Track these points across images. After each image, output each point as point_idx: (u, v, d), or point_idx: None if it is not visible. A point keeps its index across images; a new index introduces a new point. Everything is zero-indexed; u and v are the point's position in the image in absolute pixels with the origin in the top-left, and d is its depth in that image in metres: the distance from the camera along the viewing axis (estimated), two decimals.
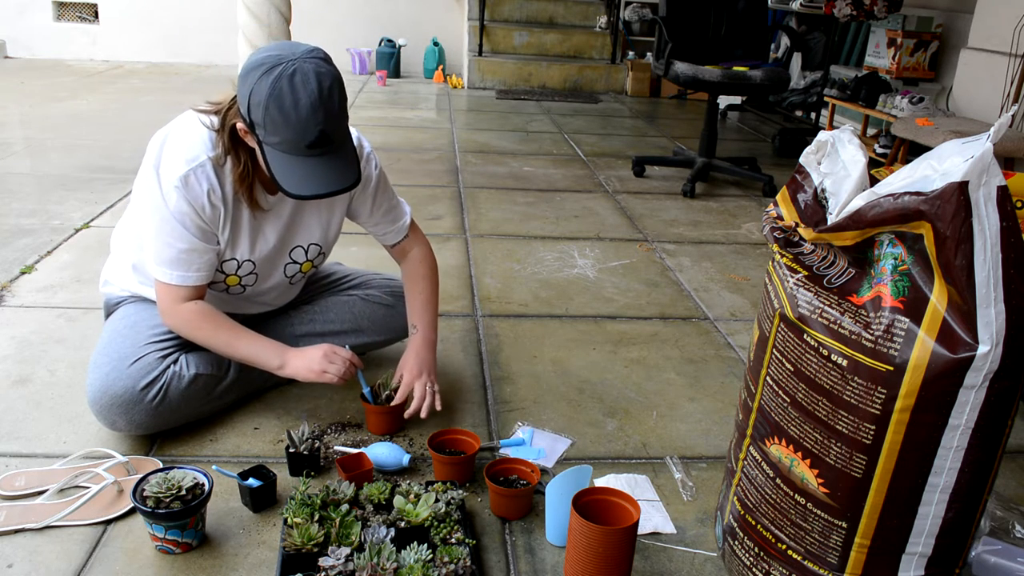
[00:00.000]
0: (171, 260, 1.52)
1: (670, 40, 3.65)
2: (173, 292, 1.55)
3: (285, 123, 1.34)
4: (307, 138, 1.36)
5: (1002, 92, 3.56)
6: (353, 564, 1.21)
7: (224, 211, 1.54)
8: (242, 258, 1.62)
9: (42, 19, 6.97)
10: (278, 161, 1.38)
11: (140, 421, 1.55)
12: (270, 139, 1.37)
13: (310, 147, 1.37)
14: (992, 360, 0.96)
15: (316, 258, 1.75)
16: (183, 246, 1.51)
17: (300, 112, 1.33)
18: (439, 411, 1.77)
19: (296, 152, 1.37)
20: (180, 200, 1.48)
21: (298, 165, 1.38)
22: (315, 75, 1.34)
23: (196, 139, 1.49)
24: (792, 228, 1.19)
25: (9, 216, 2.91)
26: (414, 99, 5.98)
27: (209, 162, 1.49)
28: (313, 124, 1.35)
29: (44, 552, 1.31)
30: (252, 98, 1.35)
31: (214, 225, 1.54)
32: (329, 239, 1.75)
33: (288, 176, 1.38)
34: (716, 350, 2.17)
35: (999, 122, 0.96)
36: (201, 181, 1.48)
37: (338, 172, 1.41)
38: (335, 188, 1.41)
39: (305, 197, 1.40)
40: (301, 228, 1.68)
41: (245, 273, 1.65)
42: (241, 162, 1.49)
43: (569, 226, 3.16)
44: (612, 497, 1.31)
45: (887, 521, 1.07)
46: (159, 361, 1.57)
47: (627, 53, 6.99)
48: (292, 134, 1.35)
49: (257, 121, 1.37)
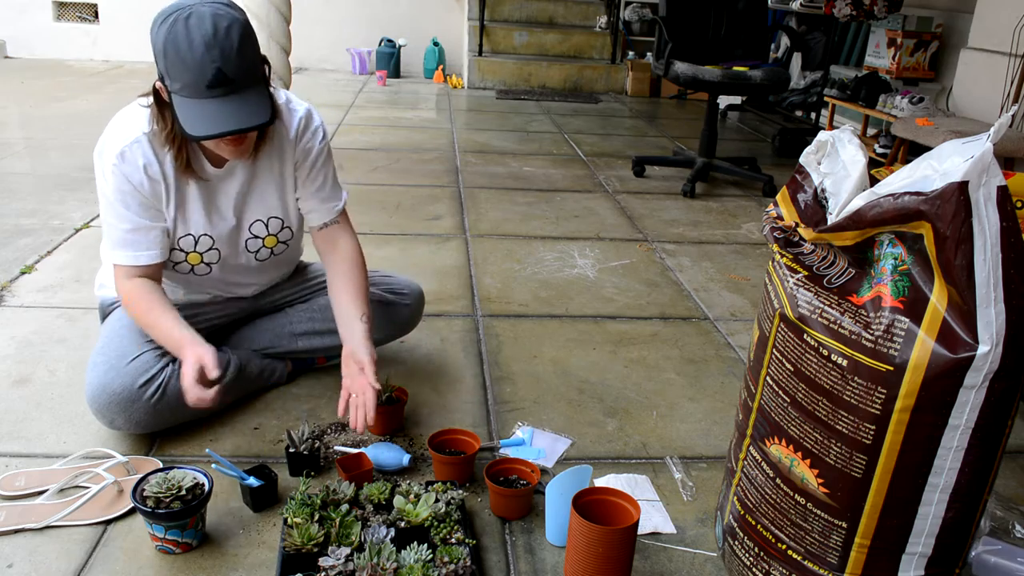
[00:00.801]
0: (118, 241, 1.54)
1: (670, 40, 3.65)
2: (121, 272, 1.57)
3: (182, 65, 1.34)
4: (204, 77, 1.35)
5: (1002, 92, 3.56)
6: (353, 564, 1.21)
7: (165, 186, 1.53)
8: (197, 233, 1.60)
9: (42, 19, 6.97)
10: (184, 107, 1.38)
11: (139, 419, 1.55)
12: (174, 86, 1.38)
13: (210, 87, 1.36)
14: (992, 360, 0.96)
15: (280, 232, 1.70)
16: (126, 226, 1.53)
17: (194, 52, 1.33)
18: (439, 411, 1.77)
19: (198, 95, 1.37)
20: (118, 178, 1.49)
21: (201, 107, 1.37)
22: (211, 16, 1.35)
23: (134, 118, 1.51)
24: (792, 228, 1.19)
25: (9, 216, 2.92)
26: (414, 99, 5.98)
27: (145, 137, 1.49)
28: (208, 62, 1.34)
29: (44, 552, 1.31)
30: (155, 48, 1.36)
31: (157, 201, 1.54)
32: (290, 213, 1.70)
33: (191, 119, 1.37)
34: (716, 350, 2.17)
35: (999, 122, 0.96)
36: (136, 156, 1.49)
37: (244, 112, 1.39)
38: (237, 127, 1.38)
39: (206, 137, 1.38)
40: (255, 201, 1.65)
41: (204, 249, 1.63)
42: (167, 123, 1.46)
43: (569, 226, 3.16)
44: (612, 497, 1.31)
45: (887, 521, 1.07)
46: (157, 359, 1.58)
47: (627, 53, 6.99)
48: (190, 75, 1.35)
49: (162, 70, 1.38)
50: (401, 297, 1.89)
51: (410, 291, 1.91)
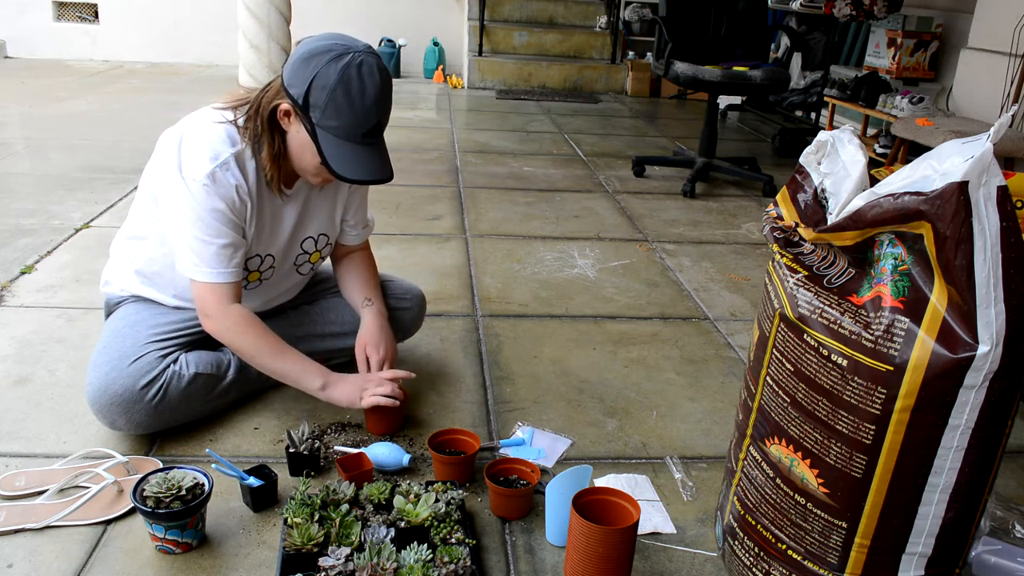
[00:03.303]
0: (211, 257, 1.51)
1: (670, 40, 3.65)
2: (218, 291, 1.53)
3: (350, 109, 1.40)
4: (366, 126, 1.43)
5: (1002, 92, 3.56)
6: (353, 564, 1.21)
7: (251, 205, 1.55)
8: (263, 253, 1.64)
9: (42, 19, 6.96)
10: (330, 145, 1.43)
11: (140, 420, 1.55)
12: (326, 123, 1.42)
13: (366, 135, 1.44)
14: (992, 360, 0.96)
15: (324, 248, 1.77)
16: (222, 241, 1.51)
17: (366, 101, 1.41)
18: (439, 411, 1.77)
19: (350, 139, 1.43)
20: (211, 197, 1.48)
21: (350, 151, 1.44)
22: (379, 69, 1.43)
23: (215, 136, 1.50)
24: (792, 228, 1.19)
25: (9, 216, 2.91)
26: (414, 99, 5.98)
27: (232, 158, 1.50)
28: (374, 114, 1.43)
29: (44, 552, 1.31)
30: (317, 80, 1.39)
31: (243, 220, 1.55)
32: (336, 228, 1.78)
33: (340, 160, 1.44)
34: (716, 350, 2.17)
35: (999, 122, 0.96)
36: (228, 177, 1.50)
37: (383, 162, 1.49)
38: (382, 176, 1.48)
39: (356, 181, 1.46)
40: (311, 218, 1.70)
41: (265, 268, 1.67)
42: (275, 147, 1.50)
43: (569, 226, 3.16)
44: (612, 497, 1.31)
45: (887, 521, 1.07)
46: (159, 360, 1.57)
47: (627, 53, 6.99)
48: (353, 120, 1.41)
49: (317, 103, 1.40)
50: (402, 301, 1.89)
51: (411, 295, 1.91)
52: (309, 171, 1.52)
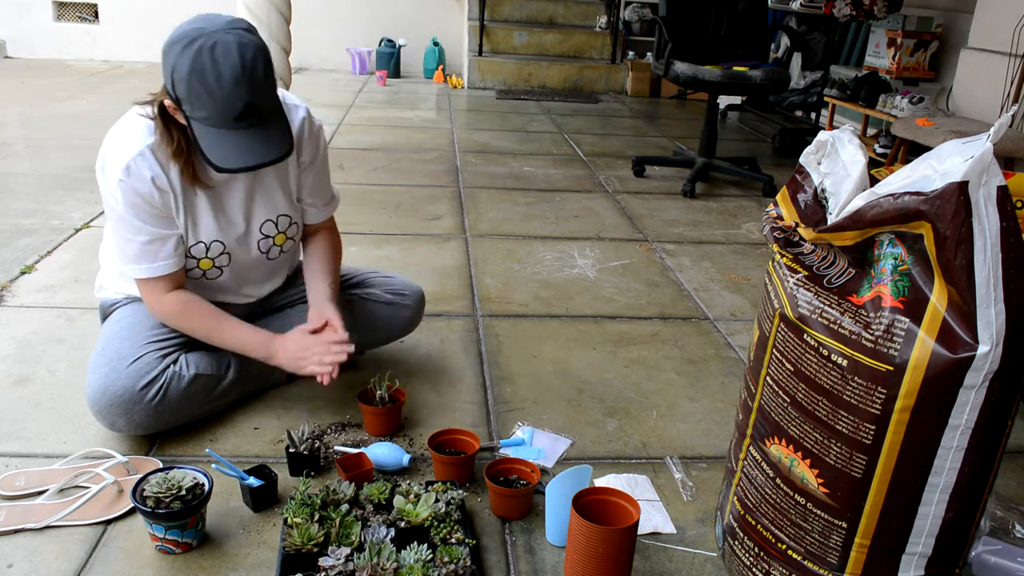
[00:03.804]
0: (136, 255, 1.53)
1: (670, 40, 3.65)
2: (150, 285, 1.57)
3: (209, 98, 1.33)
4: (233, 111, 1.35)
5: (1002, 92, 3.56)
6: (353, 564, 1.21)
7: (174, 196, 1.52)
8: (208, 240, 1.60)
9: (42, 19, 6.96)
10: (206, 136, 1.37)
11: (140, 421, 1.55)
12: (196, 114, 1.36)
13: (237, 119, 1.36)
14: (992, 360, 0.96)
15: (289, 229, 1.72)
16: (143, 239, 1.52)
17: (223, 86, 1.32)
18: (439, 411, 1.77)
19: (223, 126, 1.37)
20: (126, 193, 1.47)
21: (226, 138, 1.37)
22: (237, 47, 1.33)
23: (134, 130, 1.49)
24: (792, 228, 1.19)
25: (9, 216, 2.91)
26: (414, 99, 5.98)
27: (148, 150, 1.47)
28: (237, 97, 1.34)
29: (44, 552, 1.31)
30: (175, 74, 1.34)
31: (167, 211, 1.53)
32: (297, 207, 1.73)
33: (216, 150, 1.37)
34: (716, 350, 2.17)
35: (999, 122, 0.96)
36: (143, 169, 1.47)
37: (268, 144, 1.40)
38: (265, 160, 1.39)
39: (235, 170, 1.39)
40: (262, 201, 1.65)
41: (216, 254, 1.63)
42: (174, 140, 1.46)
43: (569, 226, 3.16)
44: (612, 497, 1.31)
45: (887, 521, 1.07)
46: (159, 361, 1.57)
47: (627, 53, 6.99)
48: (217, 108, 1.34)
49: (182, 96, 1.35)
50: (401, 298, 1.89)
51: (410, 292, 1.91)
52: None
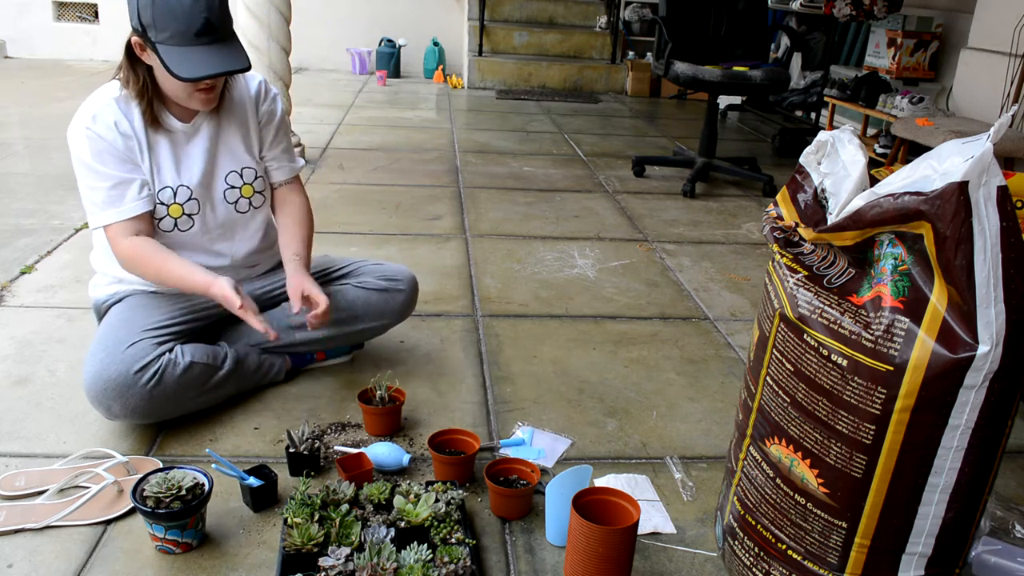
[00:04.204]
0: (103, 201, 1.60)
1: (670, 40, 3.65)
2: (114, 231, 1.61)
3: (171, 15, 1.47)
4: (194, 26, 1.49)
5: (1002, 92, 3.56)
6: (353, 564, 1.21)
7: (137, 141, 1.62)
8: (175, 184, 1.67)
9: (42, 19, 6.96)
10: (171, 54, 1.50)
11: (135, 406, 1.55)
12: (161, 36, 1.49)
13: (198, 35, 1.50)
14: (992, 360, 0.96)
15: (255, 182, 1.79)
16: (108, 184, 1.60)
17: (184, 3, 1.47)
18: (439, 411, 1.77)
19: (186, 43, 1.50)
20: (92, 140, 1.59)
21: (190, 53, 1.50)
22: None
23: (102, 92, 1.63)
24: (792, 228, 1.19)
25: (9, 216, 2.92)
26: (414, 99, 5.98)
27: (113, 101, 1.61)
28: (197, 12, 1.48)
29: (44, 552, 1.31)
30: (140, 1, 1.48)
31: (131, 154, 1.63)
32: (260, 162, 1.81)
33: (180, 63, 1.49)
34: (716, 350, 2.17)
35: (999, 122, 0.96)
36: (107, 115, 1.59)
37: (228, 57, 1.54)
38: (225, 68, 1.53)
39: (197, 78, 1.51)
40: (224, 154, 1.74)
41: (184, 200, 1.69)
42: (139, 78, 1.59)
43: (569, 226, 3.16)
44: (612, 497, 1.31)
45: (887, 521, 1.07)
46: (154, 347, 1.59)
47: (627, 53, 6.99)
48: (180, 24, 1.48)
49: (147, 22, 1.49)
50: (394, 283, 1.89)
51: (403, 277, 1.91)
52: (182, 95, 1.59)
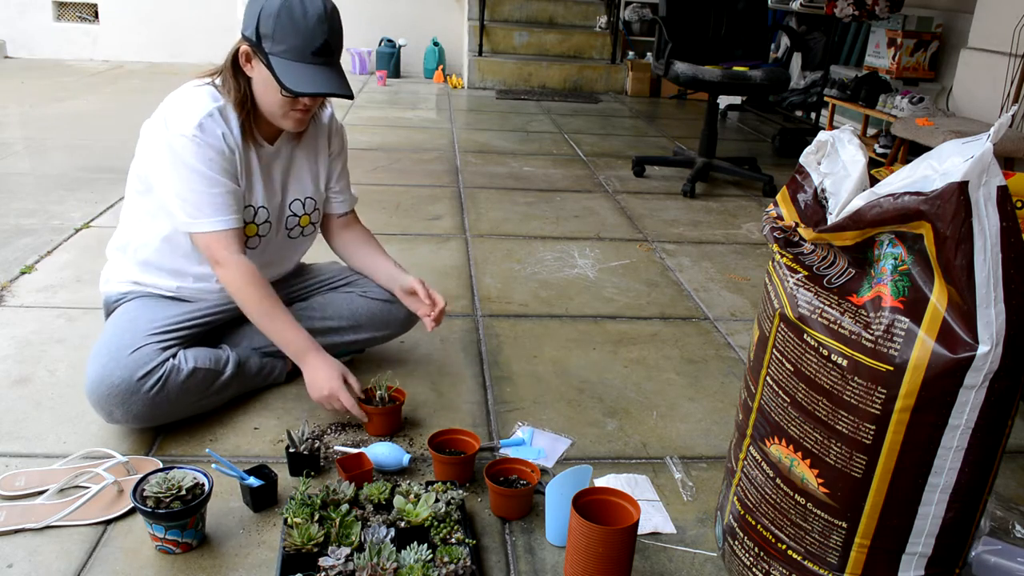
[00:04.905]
0: (211, 206, 1.57)
1: (670, 40, 3.65)
2: (223, 239, 1.59)
3: (294, 29, 1.49)
4: (313, 45, 1.50)
5: (1002, 92, 3.56)
6: (353, 564, 1.21)
7: (238, 156, 1.62)
8: (257, 204, 1.69)
9: (42, 19, 6.96)
10: (284, 67, 1.51)
11: (137, 412, 1.55)
12: (277, 48, 1.50)
13: (315, 54, 1.51)
14: (992, 360, 0.96)
15: (313, 213, 1.83)
16: (218, 189, 1.58)
17: (309, 21, 1.49)
18: (439, 411, 1.77)
19: (301, 59, 1.51)
20: (202, 147, 1.56)
21: (302, 69, 1.51)
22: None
23: (199, 95, 1.60)
24: (792, 228, 1.19)
25: (9, 216, 2.91)
26: (414, 99, 5.98)
27: (216, 111, 1.59)
28: (319, 33, 1.50)
29: (44, 552, 1.31)
30: (263, 12, 1.49)
31: (234, 168, 1.62)
32: (322, 194, 1.84)
33: (291, 77, 1.50)
34: (716, 350, 2.17)
35: (999, 122, 0.96)
36: (214, 127, 1.58)
37: (337, 80, 1.55)
38: (335, 90, 1.54)
39: (307, 94, 1.51)
40: (294, 180, 1.77)
41: (261, 221, 1.71)
42: (240, 88, 1.59)
43: (569, 226, 3.16)
44: (612, 497, 1.31)
45: (887, 521, 1.07)
46: (158, 353, 1.58)
47: (627, 53, 6.98)
48: (299, 40, 1.50)
49: (266, 33, 1.50)
50: None
51: None
52: (277, 112, 1.59)
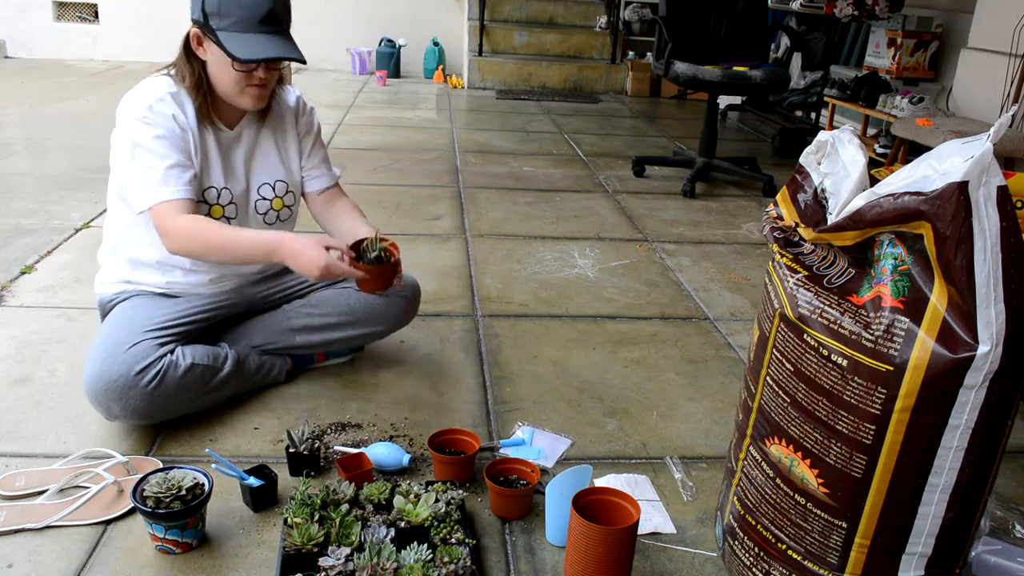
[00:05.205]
0: (158, 181, 1.58)
1: (670, 40, 3.65)
2: (167, 210, 1.57)
3: (236, 5, 1.51)
4: (259, 14, 1.52)
5: (1002, 92, 3.56)
6: (353, 564, 1.21)
7: (191, 136, 1.62)
8: (219, 185, 1.69)
9: (42, 19, 6.96)
10: (233, 40, 1.52)
11: (136, 407, 1.55)
12: (223, 23, 1.52)
13: (262, 23, 1.53)
14: (992, 360, 0.96)
15: (286, 196, 1.81)
16: (166, 163, 1.58)
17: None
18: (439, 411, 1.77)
19: (249, 29, 1.53)
20: (151, 126, 1.58)
21: (251, 39, 1.53)
22: None
23: (153, 84, 1.63)
24: (792, 228, 1.19)
25: (9, 216, 2.91)
26: (414, 99, 5.98)
27: (168, 95, 1.61)
28: (265, 1, 1.52)
29: (44, 552, 1.31)
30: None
31: (187, 146, 1.62)
32: (294, 175, 1.82)
33: (241, 47, 1.52)
34: (716, 350, 2.17)
35: (999, 122, 0.96)
36: (164, 107, 1.59)
37: (286, 46, 1.57)
38: (288, 54, 1.55)
39: (258, 60, 1.53)
40: (260, 164, 1.76)
41: (226, 202, 1.70)
42: (195, 72, 1.61)
43: (569, 226, 3.16)
44: (612, 497, 1.31)
45: (887, 521, 1.07)
46: (156, 348, 1.59)
47: (627, 53, 6.98)
48: (245, 11, 1.52)
49: (211, 10, 1.52)
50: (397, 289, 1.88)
51: (406, 284, 1.91)
52: (233, 90, 1.60)
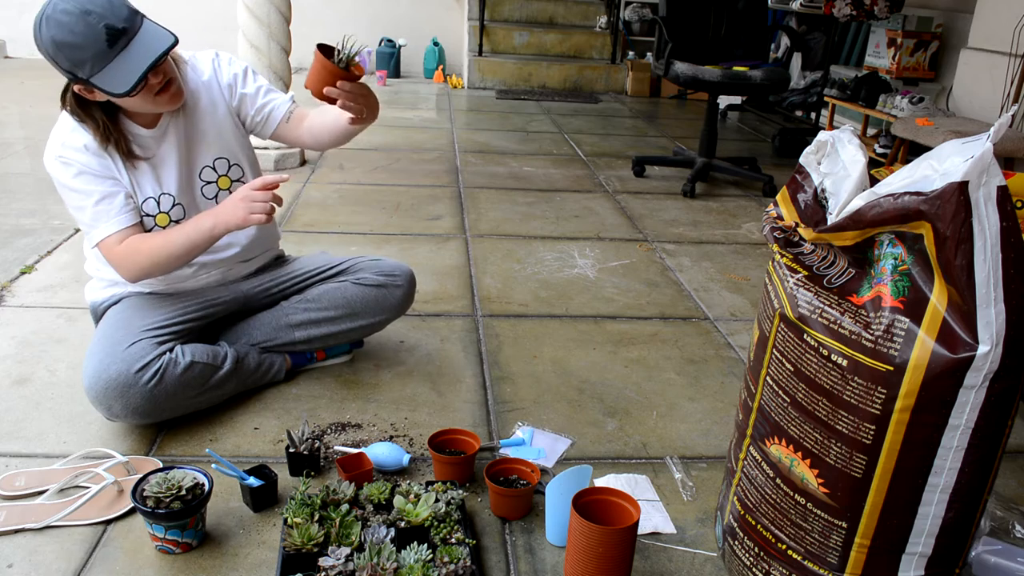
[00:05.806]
0: (92, 219, 1.58)
1: (670, 40, 3.65)
2: (109, 244, 1.59)
3: (77, 46, 1.41)
4: (101, 41, 1.42)
5: (1002, 92, 3.56)
6: (353, 564, 1.21)
7: (111, 158, 1.60)
8: (156, 193, 1.66)
9: None
10: (104, 79, 1.45)
11: (136, 405, 1.55)
12: (87, 70, 1.44)
13: (111, 45, 1.43)
14: (992, 360, 0.96)
15: (231, 171, 1.77)
16: (92, 200, 1.57)
17: (77, 30, 1.41)
18: (439, 411, 1.77)
19: (108, 59, 1.44)
20: (68, 165, 1.56)
21: (117, 66, 1.44)
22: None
23: (63, 124, 1.59)
24: (792, 228, 1.19)
25: (9, 216, 2.92)
26: (414, 99, 5.98)
27: (79, 126, 1.57)
28: (94, 26, 1.41)
29: (44, 552, 1.31)
30: (49, 55, 1.44)
31: (108, 171, 1.60)
32: (234, 148, 1.77)
33: (115, 80, 1.44)
34: (716, 350, 2.17)
35: (999, 122, 0.96)
36: (75, 140, 1.56)
37: (150, 45, 1.47)
38: (153, 58, 1.45)
39: (136, 85, 1.45)
40: (196, 149, 1.71)
41: (168, 207, 1.68)
42: (98, 122, 1.56)
43: (569, 226, 3.16)
44: (612, 497, 1.31)
45: (887, 521, 1.07)
46: (155, 347, 1.59)
47: (627, 53, 6.99)
48: (90, 48, 1.42)
49: (69, 66, 1.44)
50: (392, 279, 1.89)
51: (401, 273, 1.91)
52: (146, 107, 1.56)
